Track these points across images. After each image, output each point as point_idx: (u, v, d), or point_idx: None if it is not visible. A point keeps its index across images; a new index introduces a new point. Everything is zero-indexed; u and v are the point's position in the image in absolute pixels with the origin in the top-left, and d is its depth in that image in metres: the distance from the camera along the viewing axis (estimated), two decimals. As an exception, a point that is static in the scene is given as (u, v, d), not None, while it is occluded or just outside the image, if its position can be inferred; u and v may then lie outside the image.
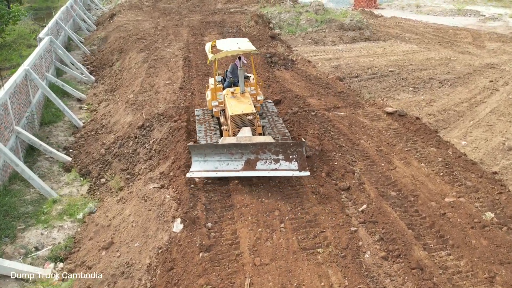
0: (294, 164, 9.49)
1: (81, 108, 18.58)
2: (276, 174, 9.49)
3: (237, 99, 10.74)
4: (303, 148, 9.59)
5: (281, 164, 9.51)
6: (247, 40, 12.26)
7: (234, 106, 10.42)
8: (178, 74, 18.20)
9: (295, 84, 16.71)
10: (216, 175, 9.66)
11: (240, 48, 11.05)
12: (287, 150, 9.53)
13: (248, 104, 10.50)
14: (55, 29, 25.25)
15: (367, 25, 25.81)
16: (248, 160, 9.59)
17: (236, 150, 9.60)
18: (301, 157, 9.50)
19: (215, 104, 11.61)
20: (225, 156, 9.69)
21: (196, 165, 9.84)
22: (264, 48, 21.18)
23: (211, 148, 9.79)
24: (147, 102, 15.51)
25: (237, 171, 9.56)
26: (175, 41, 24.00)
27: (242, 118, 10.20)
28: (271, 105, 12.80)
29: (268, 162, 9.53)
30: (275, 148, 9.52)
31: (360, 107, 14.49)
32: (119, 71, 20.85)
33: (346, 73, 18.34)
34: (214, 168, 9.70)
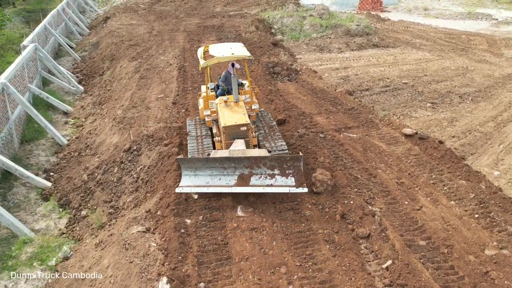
0: (291, 179, 8.84)
1: (66, 122, 17.05)
2: (272, 191, 8.86)
3: (230, 108, 10.09)
4: (301, 162, 8.87)
5: (277, 179, 8.88)
6: (242, 45, 11.57)
7: (227, 116, 9.78)
8: (171, 86, 16.63)
9: (300, 98, 15.13)
10: (208, 191, 9.04)
11: (233, 54, 10.38)
12: (284, 164, 8.86)
13: (242, 114, 9.85)
14: (44, 34, 23.69)
15: (375, 30, 24.22)
16: (242, 175, 8.98)
17: (228, 164, 8.97)
18: (298, 172, 8.84)
19: (207, 113, 10.87)
20: (217, 170, 9.07)
21: (186, 180, 9.23)
22: (265, 57, 19.60)
23: (202, 162, 9.14)
24: (136, 120, 13.94)
25: (230, 186, 8.93)
26: (170, 47, 22.42)
27: (235, 129, 9.57)
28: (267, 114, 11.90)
29: (263, 177, 8.92)
30: (270, 162, 8.88)
31: (374, 127, 12.92)
32: (109, 81, 19.28)
33: (356, 85, 16.75)
34: (205, 183, 9.11)
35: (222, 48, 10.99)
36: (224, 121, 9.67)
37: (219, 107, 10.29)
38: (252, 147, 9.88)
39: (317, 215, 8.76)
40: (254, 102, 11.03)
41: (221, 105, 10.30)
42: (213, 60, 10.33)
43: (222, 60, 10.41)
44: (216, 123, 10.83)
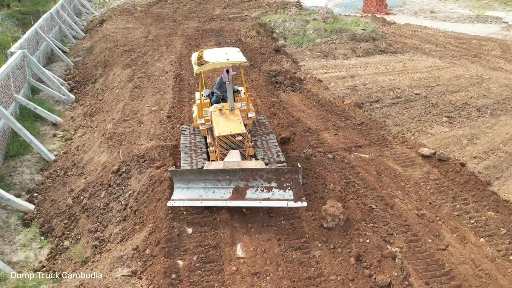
0: (289, 193, 8.35)
1: (55, 135, 15.93)
2: (269, 205, 8.39)
3: (225, 116, 9.61)
4: (299, 175, 8.37)
5: (274, 193, 8.41)
6: (238, 50, 11.11)
7: (221, 125, 9.34)
8: (166, 97, 15.49)
9: (305, 112, 13.99)
10: (201, 205, 8.59)
11: (229, 59, 9.89)
12: (281, 177, 8.38)
13: (238, 122, 9.39)
14: (34, 39, 22.57)
15: (382, 35, 23.08)
16: (237, 187, 8.52)
17: (223, 176, 8.52)
18: (297, 185, 8.36)
19: (201, 122, 10.35)
20: (211, 183, 8.63)
21: (179, 193, 8.77)
22: (267, 64, 18.45)
23: (195, 174, 8.70)
24: (127, 136, 12.80)
25: (224, 200, 8.48)
26: (167, 53, 21.28)
27: (230, 139, 9.12)
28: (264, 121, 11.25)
29: (260, 190, 8.45)
30: (267, 174, 8.41)
31: (387, 145, 11.77)
32: (101, 90, 18.15)
33: (365, 96, 15.61)
34: (199, 196, 8.65)
35: (217, 54, 10.46)
36: (218, 131, 9.19)
37: (214, 115, 9.77)
38: (248, 157, 9.37)
39: (328, 256, 7.63)
40: (250, 110, 10.45)
41: (215, 114, 9.76)
42: (207, 66, 9.85)
43: (217, 66, 9.94)
44: (210, 132, 10.27)
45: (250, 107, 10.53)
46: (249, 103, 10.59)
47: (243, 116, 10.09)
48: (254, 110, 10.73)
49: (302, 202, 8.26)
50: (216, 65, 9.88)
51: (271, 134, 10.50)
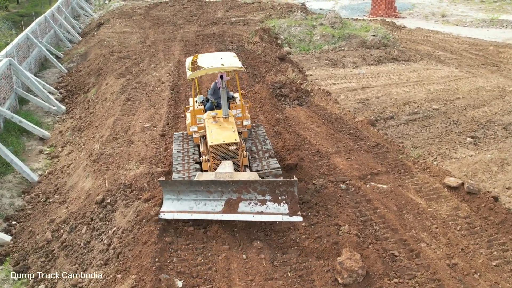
0: (284, 207, 7.96)
1: (41, 151, 14.66)
2: (262, 219, 7.99)
3: (219, 124, 9.23)
4: (295, 188, 7.96)
5: (268, 206, 8.03)
6: (234, 54, 10.61)
7: (215, 134, 8.96)
8: (161, 112, 14.17)
9: (313, 130, 12.63)
10: (192, 217, 8.20)
11: (223, 65, 9.44)
12: (276, 190, 8.00)
13: (232, 131, 9.01)
14: (25, 45, 21.31)
15: (394, 41, 21.66)
16: (229, 200, 8.16)
17: (215, 188, 8.14)
18: (292, 198, 7.96)
19: (194, 129, 9.87)
20: (202, 194, 8.25)
21: (168, 204, 8.39)
22: (271, 74, 17.10)
23: (186, 185, 8.28)
24: (115, 159, 11.49)
25: (216, 213, 8.12)
26: (164, 61, 19.97)
27: (223, 148, 8.78)
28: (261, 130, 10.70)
29: (253, 204, 8.08)
30: (261, 187, 8.01)
31: (408, 172, 10.41)
32: (93, 101, 16.86)
33: (378, 111, 14.23)
34: (189, 208, 8.28)
35: (212, 58, 10.03)
36: (211, 139, 8.82)
37: (207, 123, 9.39)
38: (243, 167, 9.06)
39: (346, 324, 6.27)
40: (246, 118, 10.03)
41: (209, 121, 9.37)
42: (201, 72, 9.40)
43: (211, 71, 9.50)
44: (204, 141, 9.77)
45: (245, 114, 10.08)
46: (245, 110, 10.13)
47: (238, 124, 9.73)
48: (250, 118, 10.21)
49: (298, 217, 7.86)
50: (210, 70, 9.43)
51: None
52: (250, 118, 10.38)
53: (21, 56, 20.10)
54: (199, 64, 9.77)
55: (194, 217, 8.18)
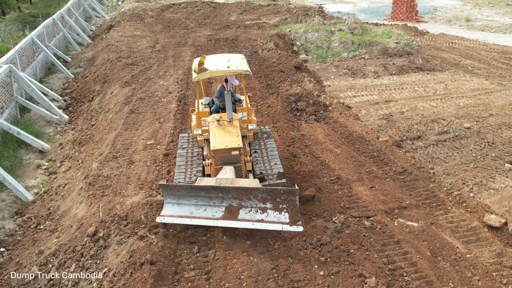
0: (285, 215, 7.86)
1: (39, 166, 13.68)
2: (262, 227, 7.87)
3: (223, 128, 9.08)
4: (296, 197, 7.82)
5: (269, 214, 7.94)
6: (242, 56, 10.36)
7: (218, 138, 8.81)
8: (166, 126, 13.07)
9: (332, 152, 11.40)
10: (191, 223, 8.15)
11: (229, 67, 9.23)
12: (277, 198, 7.89)
13: (235, 135, 8.84)
14: (30, 49, 20.46)
15: (418, 49, 20.27)
16: (230, 206, 8.10)
17: (215, 193, 8.08)
18: (293, 207, 7.85)
19: (198, 132, 9.72)
20: (203, 200, 8.20)
21: (169, 209, 8.37)
22: (286, 84, 15.89)
23: (186, 190, 8.24)
24: (113, 182, 10.41)
25: (216, 219, 8.04)
26: (173, 68, 18.90)
27: (225, 153, 8.63)
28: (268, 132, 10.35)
29: (254, 211, 8.01)
30: (262, 194, 7.93)
31: (440, 206, 9.13)
32: (96, 112, 15.85)
33: (404, 130, 12.94)
34: (189, 213, 8.24)
35: (218, 61, 9.79)
36: (213, 144, 8.68)
37: (211, 126, 9.25)
38: (246, 173, 8.86)
39: None
40: (251, 121, 9.81)
41: (213, 124, 9.23)
42: (205, 75, 9.24)
43: (216, 74, 9.34)
44: (208, 143, 9.48)
45: (251, 117, 9.87)
46: (251, 113, 9.92)
47: (244, 128, 9.61)
48: (256, 121, 9.99)
49: (298, 226, 7.73)
50: (215, 73, 9.24)
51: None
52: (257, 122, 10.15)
53: (25, 61, 19.23)
54: (205, 66, 9.49)
55: (193, 222, 8.11)
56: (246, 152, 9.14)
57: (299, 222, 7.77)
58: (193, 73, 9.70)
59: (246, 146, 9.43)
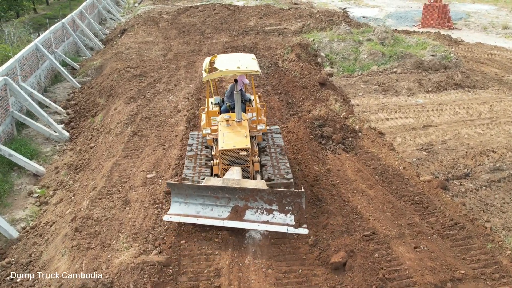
0: (290, 218, 7.87)
1: (31, 193, 12.22)
2: (267, 228, 7.87)
3: (231, 128, 9.06)
4: (302, 199, 7.80)
5: (275, 216, 7.95)
6: (253, 57, 10.37)
7: (226, 138, 8.78)
8: (171, 154, 11.40)
9: (365, 194, 9.54)
10: (197, 222, 8.14)
11: (239, 67, 9.25)
12: (283, 200, 7.89)
13: (243, 136, 8.81)
14: (34, 57, 19.09)
15: (456, 62, 18.19)
16: (236, 207, 8.10)
17: (222, 194, 8.09)
18: (299, 210, 7.84)
19: (207, 131, 9.76)
20: (209, 199, 8.23)
21: (176, 207, 8.39)
22: (309, 103, 14.08)
23: (193, 189, 8.29)
24: (102, 229, 8.77)
25: (222, 219, 8.05)
26: (185, 80, 17.26)
27: (233, 153, 8.58)
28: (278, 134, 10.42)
29: (259, 212, 8.01)
30: (268, 196, 7.93)
31: (505, 277, 7.20)
32: (96, 131, 14.29)
33: (448, 165, 10.99)
34: (196, 212, 8.26)
35: (229, 60, 9.81)
36: (221, 144, 8.75)
37: (220, 126, 9.29)
38: (253, 174, 8.92)
39: None
40: (260, 122, 9.79)
41: (222, 124, 9.26)
42: (215, 74, 9.32)
43: (226, 74, 9.45)
44: (216, 143, 9.35)
45: (261, 118, 9.88)
46: (260, 113, 9.95)
47: (253, 128, 9.61)
48: (265, 121, 10.01)
49: (304, 229, 7.84)
50: (225, 73, 9.31)
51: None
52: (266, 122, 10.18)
53: (26, 71, 17.84)
54: (216, 65, 9.44)
55: (200, 222, 8.16)
56: (254, 153, 9.18)
57: (304, 225, 7.85)
58: (203, 73, 9.67)
59: (255, 146, 9.49)
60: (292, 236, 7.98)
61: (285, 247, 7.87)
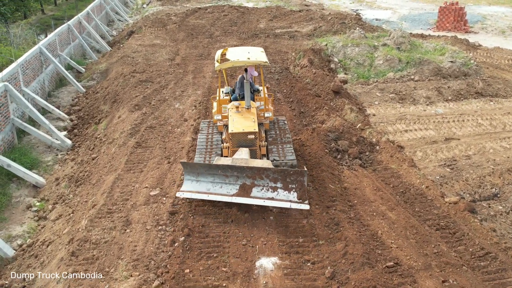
0: (293, 194, 8.48)
1: (30, 207, 11.65)
2: (272, 204, 8.51)
3: (241, 114, 9.79)
4: (305, 177, 8.40)
5: (279, 193, 8.57)
6: (261, 50, 11.25)
7: (236, 123, 9.57)
8: (176, 169, 10.69)
9: (385, 217, 8.77)
10: (208, 198, 8.80)
11: (249, 58, 10.01)
12: (287, 178, 8.53)
13: (252, 121, 9.58)
14: (37, 61, 18.53)
15: (476, 69, 17.32)
16: (244, 184, 8.72)
17: (231, 172, 8.74)
18: (301, 187, 8.44)
19: (218, 117, 10.47)
20: (219, 178, 8.87)
21: (188, 185, 9.04)
22: (323, 113, 13.32)
23: (205, 168, 8.94)
24: (101, 253, 8.09)
25: (230, 196, 8.68)
26: (192, 87, 16.58)
27: (242, 136, 9.37)
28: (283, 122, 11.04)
29: (265, 190, 8.63)
30: (273, 174, 8.57)
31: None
32: (99, 141, 13.65)
33: (474, 184, 10.18)
34: (206, 189, 8.89)
35: (240, 52, 10.71)
36: (231, 128, 9.46)
37: (230, 112, 10.03)
38: (260, 156, 9.53)
39: None
40: (268, 110, 10.55)
41: (232, 111, 10.00)
42: (227, 64, 10.00)
43: (237, 64, 10.18)
44: (227, 129, 10.17)
45: (268, 107, 10.57)
46: (268, 103, 10.64)
47: (260, 116, 10.26)
48: (272, 110, 10.75)
49: (305, 204, 8.31)
50: (236, 63, 10.01)
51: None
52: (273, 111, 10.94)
53: (29, 75, 17.27)
54: (227, 56, 10.14)
55: (210, 198, 8.72)
56: (262, 138, 9.84)
57: (306, 201, 8.36)
58: (216, 63, 10.33)
59: (262, 132, 10.09)
60: (308, 268, 7.24)
61: (300, 279, 7.14)
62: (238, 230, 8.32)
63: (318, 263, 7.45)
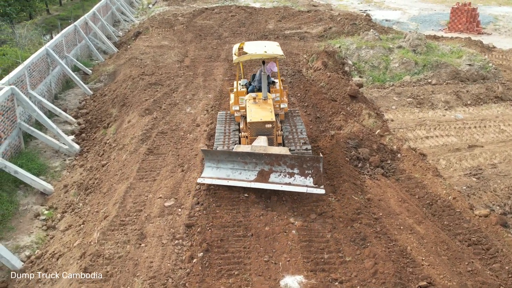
0: (309, 180, 8.83)
1: (37, 215, 11.28)
2: (289, 189, 8.86)
3: (258, 105, 10.25)
4: (320, 164, 8.79)
5: (296, 178, 8.93)
6: (277, 44, 11.66)
7: (253, 113, 9.98)
8: (191, 178, 10.24)
9: (414, 231, 8.31)
10: (227, 183, 9.14)
11: (266, 52, 10.47)
12: (303, 164, 8.89)
13: (269, 111, 10.00)
14: (44, 62, 18.14)
15: (495, 73, 16.82)
16: (262, 171, 9.09)
17: (250, 159, 9.10)
18: (317, 173, 8.81)
19: (236, 108, 10.88)
20: (239, 164, 9.23)
21: (208, 171, 9.42)
22: (340, 119, 12.86)
23: (225, 155, 9.35)
24: (115, 269, 7.66)
25: (249, 181, 9.04)
26: (203, 90, 16.15)
27: (260, 126, 9.78)
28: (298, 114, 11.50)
29: (282, 175, 9.00)
30: (290, 161, 8.94)
31: None
32: (109, 146, 13.23)
33: (503, 195, 9.72)
34: (226, 176, 9.25)
35: (256, 46, 11.15)
36: (250, 117, 9.81)
37: (248, 103, 10.33)
38: (276, 144, 9.86)
39: None
40: (283, 101, 10.96)
41: (249, 102, 10.33)
42: (245, 57, 10.38)
43: (254, 57, 10.63)
44: (244, 119, 10.62)
45: (283, 98, 10.98)
46: (283, 95, 11.03)
47: (276, 107, 10.69)
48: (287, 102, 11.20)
49: (321, 189, 8.67)
50: (254, 56, 10.45)
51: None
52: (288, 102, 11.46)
53: (36, 77, 16.90)
54: (245, 49, 10.49)
55: (230, 183, 9.06)
56: (278, 127, 10.20)
57: (322, 186, 8.68)
58: (234, 56, 10.76)
59: (278, 122, 10.43)
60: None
61: (328, 300, 6.69)
62: (259, 245, 7.89)
63: (346, 282, 7.00)
